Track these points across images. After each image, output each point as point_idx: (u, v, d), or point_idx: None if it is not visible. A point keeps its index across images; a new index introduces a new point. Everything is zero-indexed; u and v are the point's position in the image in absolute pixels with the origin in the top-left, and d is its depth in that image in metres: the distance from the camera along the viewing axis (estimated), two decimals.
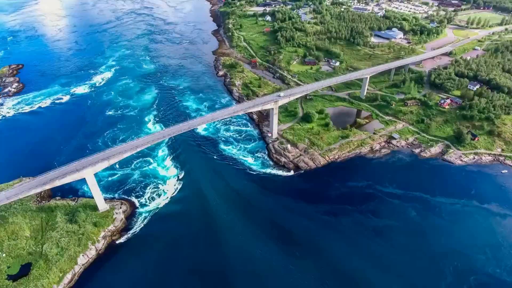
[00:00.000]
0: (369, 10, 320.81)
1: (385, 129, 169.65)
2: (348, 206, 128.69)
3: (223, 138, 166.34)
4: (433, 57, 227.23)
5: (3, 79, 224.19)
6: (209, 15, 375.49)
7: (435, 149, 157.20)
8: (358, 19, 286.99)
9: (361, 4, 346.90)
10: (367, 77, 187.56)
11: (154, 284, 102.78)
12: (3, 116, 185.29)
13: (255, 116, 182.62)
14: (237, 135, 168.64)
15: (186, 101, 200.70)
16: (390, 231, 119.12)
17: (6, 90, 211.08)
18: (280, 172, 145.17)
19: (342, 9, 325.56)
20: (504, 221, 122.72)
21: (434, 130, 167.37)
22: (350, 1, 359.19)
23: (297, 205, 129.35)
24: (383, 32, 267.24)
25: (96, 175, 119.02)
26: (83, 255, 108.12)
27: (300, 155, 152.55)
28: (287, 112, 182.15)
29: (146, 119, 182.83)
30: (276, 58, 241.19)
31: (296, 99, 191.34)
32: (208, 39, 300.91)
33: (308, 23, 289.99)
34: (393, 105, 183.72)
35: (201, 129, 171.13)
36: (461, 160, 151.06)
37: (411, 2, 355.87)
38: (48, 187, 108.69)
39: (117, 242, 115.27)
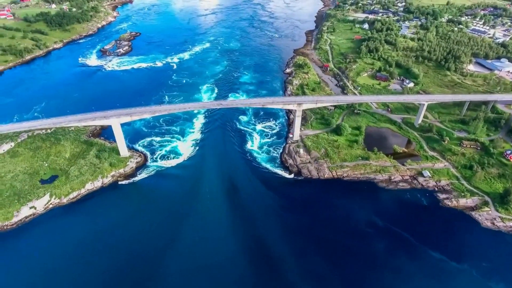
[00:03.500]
0: (489, 34, 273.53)
1: (419, 164, 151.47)
2: (314, 217, 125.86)
3: (250, 125, 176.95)
4: None
5: (121, 42, 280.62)
6: (314, 15, 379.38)
7: (466, 201, 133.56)
8: (465, 42, 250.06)
9: (485, 27, 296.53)
10: (424, 104, 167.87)
11: (130, 222, 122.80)
12: (105, 69, 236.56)
13: (291, 116, 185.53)
14: (264, 128, 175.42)
15: (243, 76, 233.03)
16: (339, 250, 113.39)
17: (118, 50, 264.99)
18: (280, 172, 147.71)
19: (455, 29, 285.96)
20: None
21: (479, 181, 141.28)
22: (473, 22, 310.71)
23: (273, 201, 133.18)
24: (488, 61, 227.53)
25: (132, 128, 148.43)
26: (91, 183, 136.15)
27: (309, 162, 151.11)
28: (323, 119, 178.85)
29: (204, 86, 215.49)
30: (348, 67, 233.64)
31: (342, 110, 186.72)
32: (299, 38, 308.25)
33: (404, 37, 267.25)
34: (446, 142, 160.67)
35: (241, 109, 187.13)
36: (493, 223, 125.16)
37: None
38: (83, 124, 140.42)
39: (120, 183, 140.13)
